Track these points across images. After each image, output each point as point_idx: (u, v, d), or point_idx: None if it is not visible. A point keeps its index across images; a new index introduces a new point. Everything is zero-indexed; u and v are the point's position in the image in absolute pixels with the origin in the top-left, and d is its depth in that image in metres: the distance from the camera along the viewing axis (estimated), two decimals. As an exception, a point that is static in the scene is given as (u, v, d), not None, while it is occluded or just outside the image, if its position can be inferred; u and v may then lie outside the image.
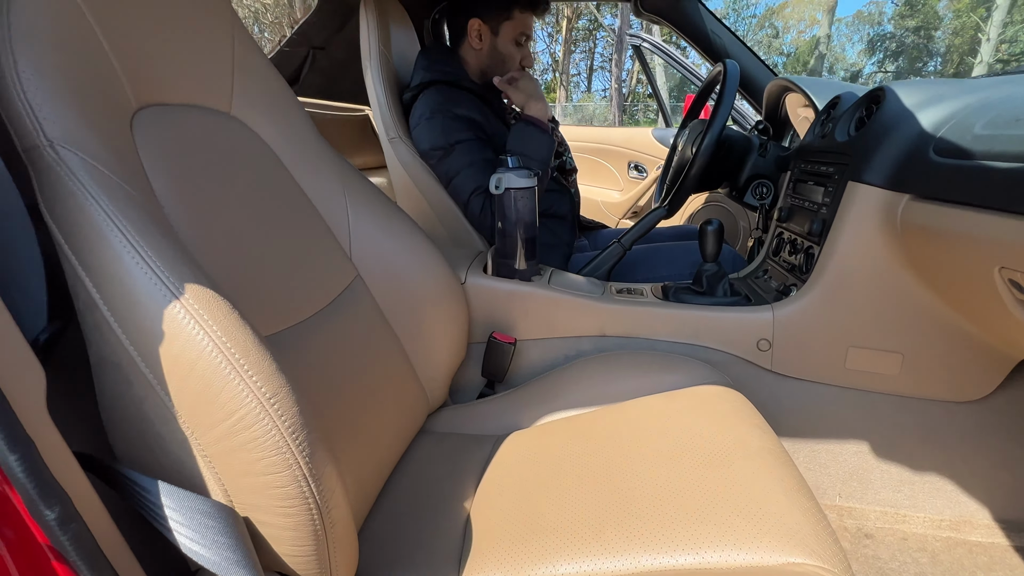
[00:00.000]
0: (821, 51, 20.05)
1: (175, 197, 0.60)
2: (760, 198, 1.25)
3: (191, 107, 0.68)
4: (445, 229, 1.23)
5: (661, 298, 1.02)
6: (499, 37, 1.23)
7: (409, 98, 1.22)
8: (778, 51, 25.39)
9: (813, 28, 23.75)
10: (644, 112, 23.02)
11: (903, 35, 22.51)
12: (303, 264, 0.76)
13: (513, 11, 1.21)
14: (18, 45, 0.47)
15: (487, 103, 1.23)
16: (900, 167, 0.77)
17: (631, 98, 22.68)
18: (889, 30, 23.10)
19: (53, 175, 0.46)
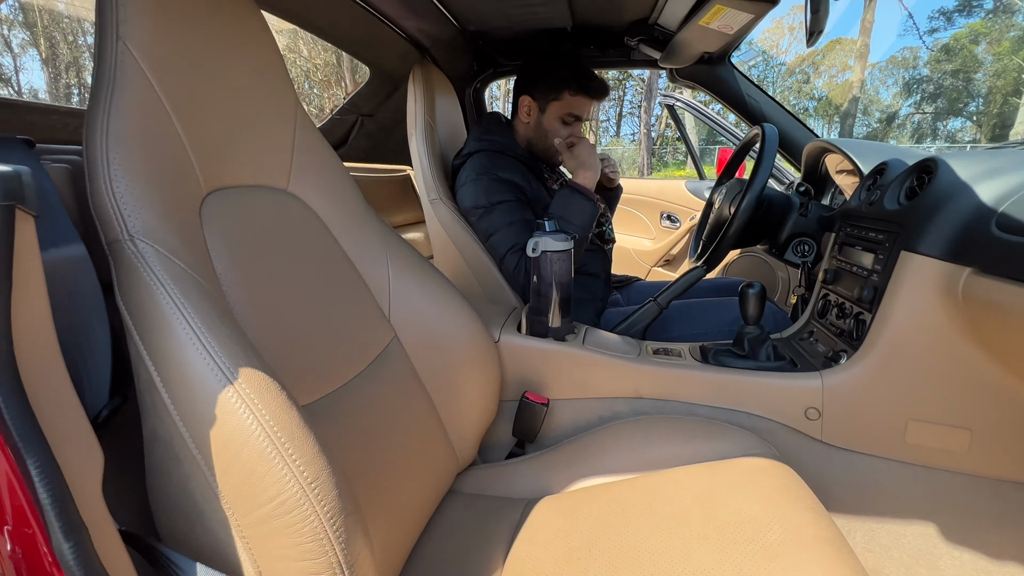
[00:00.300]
0: (854, 94, 19.96)
1: (234, 275, 0.63)
2: (802, 256, 1.23)
3: (253, 187, 0.73)
4: (481, 286, 1.24)
5: (700, 360, 1.00)
6: (545, 115, 1.31)
7: (459, 164, 1.29)
8: (808, 95, 25.41)
9: (845, 73, 23.76)
10: (673, 155, 23.19)
11: (940, 78, 22.24)
12: (345, 327, 0.78)
13: (562, 93, 1.28)
14: (112, 146, 0.52)
15: (531, 169, 1.28)
16: (959, 240, 0.75)
17: (660, 142, 22.95)
18: (925, 73, 22.88)
19: (131, 267, 0.49)
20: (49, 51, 14.46)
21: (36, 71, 15.31)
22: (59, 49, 15.16)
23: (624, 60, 1.62)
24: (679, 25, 1.34)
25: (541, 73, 1.30)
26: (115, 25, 0.56)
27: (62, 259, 0.54)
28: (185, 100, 0.62)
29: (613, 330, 1.14)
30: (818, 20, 0.94)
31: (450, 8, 1.33)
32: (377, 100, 1.67)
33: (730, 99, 1.52)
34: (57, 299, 0.52)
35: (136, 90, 0.56)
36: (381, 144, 1.83)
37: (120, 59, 0.56)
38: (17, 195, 0.38)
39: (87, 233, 0.57)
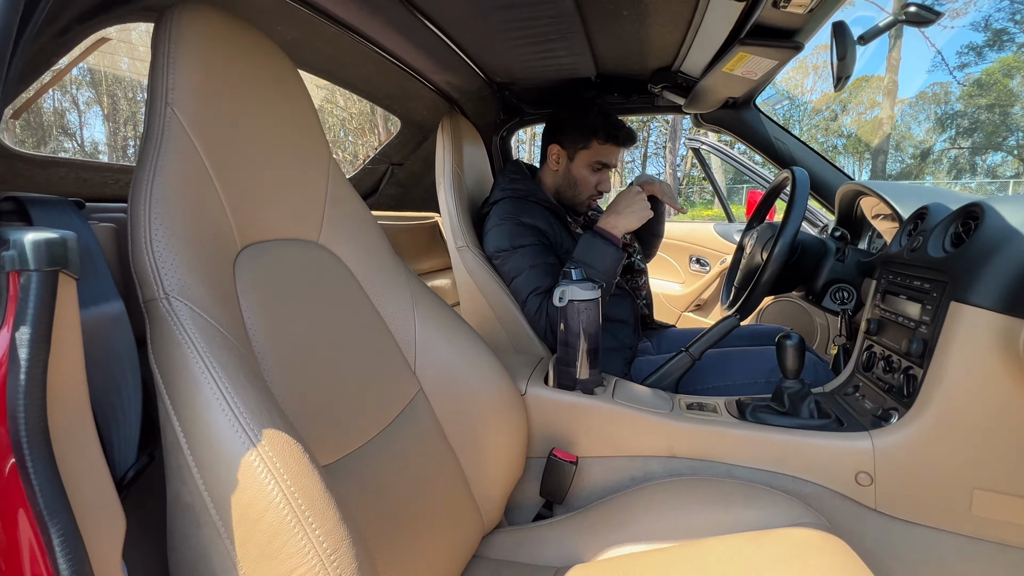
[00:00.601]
0: (885, 131, 19.72)
1: (264, 331, 0.64)
2: (841, 303, 1.18)
3: (285, 241, 0.75)
4: (507, 334, 1.23)
5: (737, 416, 0.95)
6: (574, 163, 1.33)
7: (485, 212, 1.32)
8: (836, 133, 25.22)
9: (873, 110, 23.58)
10: (700, 194, 23.13)
11: (975, 112, 21.82)
12: (372, 381, 0.78)
13: (591, 141, 1.31)
14: (155, 206, 0.54)
15: (555, 215, 1.30)
16: (1016, 291, 0.71)
17: (686, 182, 22.98)
18: (958, 108, 22.50)
19: (164, 325, 0.50)
20: (110, 107, 15.69)
21: (98, 126, 16.60)
22: (119, 105, 16.43)
23: (648, 106, 1.64)
24: (702, 72, 1.36)
25: (570, 123, 1.32)
26: (165, 92, 0.59)
27: (101, 316, 0.55)
28: (225, 159, 0.65)
29: (644, 382, 1.10)
30: (845, 66, 0.93)
31: (478, 62, 1.38)
32: (407, 150, 1.72)
33: (757, 142, 1.51)
34: (93, 355, 0.53)
35: (180, 152, 0.59)
36: (410, 192, 1.87)
37: (167, 124, 0.59)
38: (61, 260, 0.40)
39: (127, 289, 0.59)
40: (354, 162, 13.90)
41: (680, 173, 21.58)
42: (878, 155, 20.36)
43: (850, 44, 0.89)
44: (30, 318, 0.38)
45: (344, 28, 1.06)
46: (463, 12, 1.07)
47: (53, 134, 14.44)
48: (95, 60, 12.18)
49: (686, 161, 21.59)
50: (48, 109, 14.26)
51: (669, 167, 20.30)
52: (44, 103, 13.47)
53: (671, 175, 19.56)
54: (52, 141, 14.29)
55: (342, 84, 1.35)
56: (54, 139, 14.39)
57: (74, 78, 14.15)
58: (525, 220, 1.23)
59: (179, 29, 0.60)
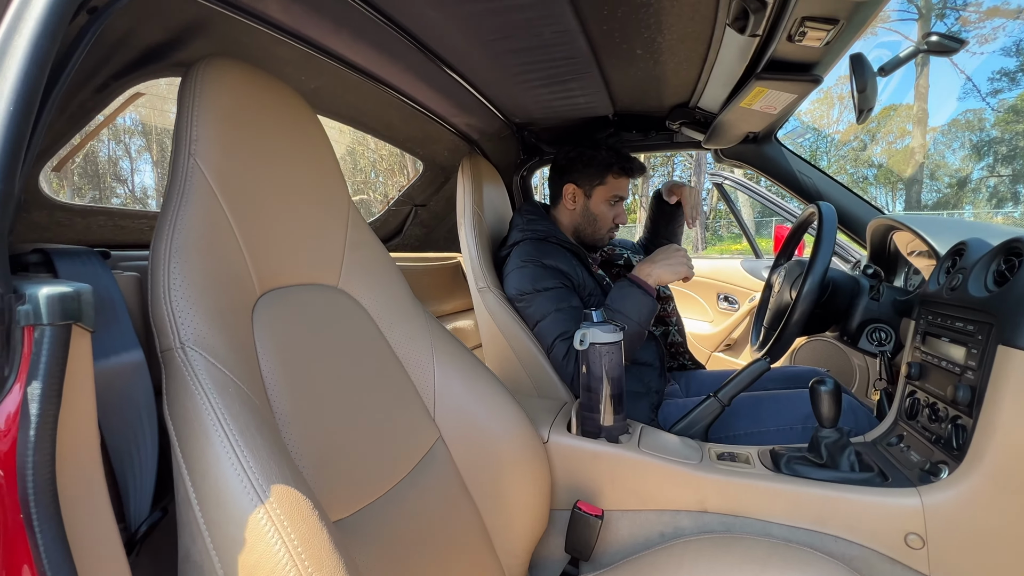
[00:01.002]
0: (918, 160, 19.30)
1: (280, 378, 0.64)
2: (879, 344, 1.12)
3: (305, 286, 0.75)
4: (529, 378, 1.21)
5: (771, 467, 0.89)
6: (591, 200, 1.34)
7: (504, 255, 1.32)
8: (866, 163, 24.78)
9: (904, 139, 23.16)
10: (727, 228, 22.87)
11: (1013, 138, 21.19)
12: (390, 429, 0.76)
13: (606, 177, 1.32)
14: (174, 256, 0.55)
15: (575, 255, 1.29)
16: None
17: (712, 215, 22.79)
18: (995, 135, 21.91)
19: (179, 375, 0.50)
20: (159, 154, 16.69)
21: (148, 172, 17.70)
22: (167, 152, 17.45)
23: (667, 143, 1.64)
24: (720, 107, 1.35)
25: (582, 161, 1.33)
26: (188, 143, 0.62)
27: (120, 365, 0.55)
28: (245, 208, 0.66)
29: (671, 429, 1.05)
30: (866, 98, 0.91)
31: (496, 104, 1.41)
32: (430, 191, 1.75)
33: (781, 177, 1.48)
34: (111, 404, 0.54)
35: (201, 202, 0.61)
36: (434, 232, 1.90)
37: (190, 174, 0.61)
38: (75, 314, 0.40)
39: (148, 337, 0.59)
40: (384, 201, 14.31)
41: (707, 207, 21.45)
42: (912, 185, 19.88)
43: (869, 76, 0.87)
44: (42, 373, 0.38)
45: (365, 75, 1.10)
46: (480, 57, 1.10)
47: (107, 181, 15.37)
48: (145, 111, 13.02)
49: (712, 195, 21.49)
50: (103, 157, 15.23)
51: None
52: (99, 151, 14.39)
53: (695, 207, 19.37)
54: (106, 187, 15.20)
55: (365, 129, 1.40)
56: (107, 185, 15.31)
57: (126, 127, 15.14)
58: (547, 262, 1.22)
59: (203, 83, 0.63)
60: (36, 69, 0.40)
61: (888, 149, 24.14)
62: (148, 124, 15.25)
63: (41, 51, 0.40)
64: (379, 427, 0.75)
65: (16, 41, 0.40)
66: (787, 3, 0.82)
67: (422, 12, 0.90)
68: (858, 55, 0.88)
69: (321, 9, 0.84)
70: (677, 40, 1.05)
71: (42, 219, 0.90)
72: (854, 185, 23.14)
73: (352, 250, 0.85)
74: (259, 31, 0.84)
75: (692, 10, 0.93)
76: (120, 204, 15.52)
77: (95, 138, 1.35)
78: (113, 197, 15.60)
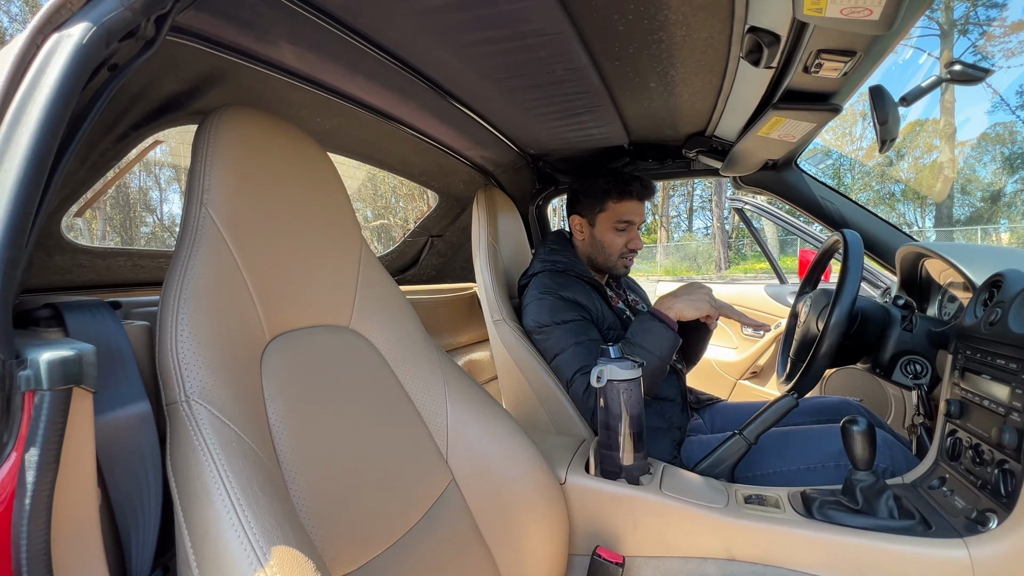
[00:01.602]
0: (947, 175, 18.84)
1: (288, 425, 0.63)
2: (914, 377, 1.06)
3: (316, 328, 0.75)
4: (546, 413, 1.18)
5: (803, 512, 0.84)
6: (596, 228, 1.33)
7: (524, 284, 1.31)
8: (892, 179, 24.27)
9: (931, 154, 22.67)
10: (751, 247, 22.52)
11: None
12: (401, 473, 0.74)
13: (606, 203, 1.30)
14: (183, 308, 0.55)
15: (595, 288, 1.27)
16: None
17: (735, 234, 22.51)
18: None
19: (183, 430, 0.50)
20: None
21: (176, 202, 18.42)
22: (195, 182, 18.11)
23: (684, 171, 1.62)
24: (737, 135, 1.33)
25: (582, 192, 1.34)
26: (201, 193, 0.62)
27: (127, 418, 0.55)
28: (256, 255, 0.66)
29: (695, 468, 1.01)
30: (888, 130, 0.89)
31: (510, 136, 1.42)
32: (446, 221, 1.76)
33: (803, 204, 1.45)
34: (116, 458, 0.53)
35: (212, 251, 0.61)
36: (450, 261, 1.91)
37: (202, 223, 0.61)
38: (75, 377, 0.40)
39: (156, 387, 0.59)
40: (404, 225, 14.52)
41: (728, 226, 21.22)
42: (943, 200, 19.37)
43: (891, 108, 0.84)
44: (40, 440, 0.37)
45: (380, 115, 1.12)
46: (493, 93, 1.10)
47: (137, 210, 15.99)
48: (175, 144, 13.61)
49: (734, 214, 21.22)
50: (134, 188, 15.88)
51: (717, 220, 20.03)
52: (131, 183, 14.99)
53: (719, 228, 19.24)
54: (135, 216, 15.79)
55: (380, 166, 1.41)
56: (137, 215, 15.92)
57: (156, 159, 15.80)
58: (565, 295, 1.21)
59: (217, 133, 0.64)
60: (48, 136, 0.41)
61: (915, 164, 23.63)
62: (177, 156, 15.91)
63: (54, 118, 0.41)
64: (390, 472, 0.73)
65: (30, 109, 0.41)
66: (801, 37, 0.81)
67: (435, 55, 0.91)
68: (877, 87, 0.86)
69: (335, 55, 0.86)
70: (691, 72, 1.04)
71: (64, 263, 0.92)
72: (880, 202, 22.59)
73: (364, 289, 0.85)
74: (274, 78, 0.86)
75: (704, 44, 0.93)
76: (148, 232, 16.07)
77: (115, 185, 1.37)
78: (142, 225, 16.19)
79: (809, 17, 0.67)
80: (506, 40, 0.87)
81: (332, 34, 0.80)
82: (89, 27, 0.44)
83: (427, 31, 0.83)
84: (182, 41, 0.70)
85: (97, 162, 0.80)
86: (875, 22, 0.64)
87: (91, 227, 12.40)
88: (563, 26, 0.84)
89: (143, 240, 14.91)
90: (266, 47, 0.79)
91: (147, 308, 0.70)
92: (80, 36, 0.44)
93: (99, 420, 0.50)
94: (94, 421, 0.48)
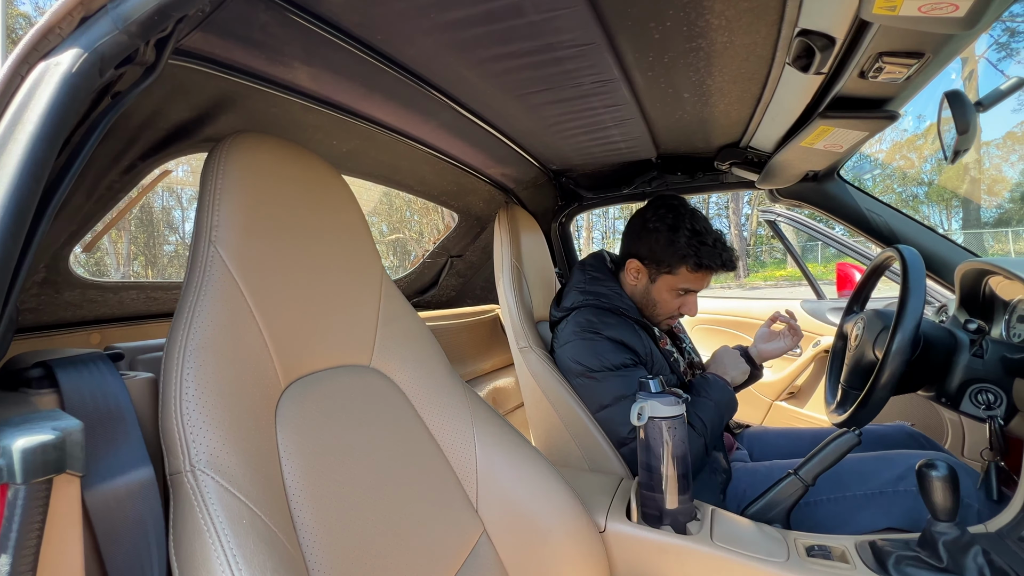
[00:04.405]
0: (973, 175, 18.36)
1: (305, 485, 0.56)
2: (987, 408, 0.96)
3: (334, 369, 0.69)
4: (578, 448, 1.10)
5: (875, 569, 0.75)
6: (654, 284, 1.16)
7: (560, 316, 1.19)
8: (915, 181, 23.72)
9: (955, 154, 22.05)
10: (770, 254, 22.15)
11: (1080, 147, 19.88)
12: (428, 530, 0.68)
13: (679, 268, 1.12)
14: (188, 361, 0.49)
15: (644, 329, 1.15)
16: None
17: (753, 241, 22.18)
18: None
19: (188, 505, 0.44)
20: (208, 202, 17.69)
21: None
22: (215, 199, 18.48)
23: (716, 184, 1.54)
24: (776, 146, 1.25)
25: (655, 239, 1.13)
26: (209, 230, 0.57)
27: (128, 485, 0.49)
28: (270, 295, 0.61)
29: (746, 511, 0.92)
30: (966, 139, 0.80)
31: (532, 152, 1.36)
32: (465, 241, 1.71)
33: (848, 217, 1.35)
34: (115, 531, 0.47)
35: (221, 294, 0.55)
36: (470, 282, 1.84)
37: (210, 263, 0.56)
38: (56, 465, 0.34)
39: (159, 446, 0.54)
40: (419, 240, 14.56)
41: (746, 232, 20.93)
42: (968, 202, 18.87)
43: (971, 116, 0.76)
44: (12, 544, 0.31)
45: (398, 135, 1.07)
46: (515, 109, 1.05)
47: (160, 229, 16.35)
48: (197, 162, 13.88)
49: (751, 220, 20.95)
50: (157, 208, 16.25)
51: (734, 228, 19.77)
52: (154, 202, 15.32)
53: (737, 236, 18.97)
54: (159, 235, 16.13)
55: (398, 187, 1.36)
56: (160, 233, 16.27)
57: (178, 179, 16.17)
58: (612, 335, 1.08)
59: (228, 161, 0.59)
60: (30, 181, 0.36)
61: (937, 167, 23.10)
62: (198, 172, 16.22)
63: (37, 160, 0.36)
64: (418, 528, 0.66)
65: (11, 149, 0.36)
66: (860, 40, 0.73)
67: (456, 71, 0.85)
68: (955, 92, 0.77)
69: (352, 75, 0.80)
70: (729, 81, 0.97)
71: (74, 298, 0.88)
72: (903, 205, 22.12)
73: (385, 324, 0.79)
74: (288, 101, 0.81)
75: (747, 51, 0.86)
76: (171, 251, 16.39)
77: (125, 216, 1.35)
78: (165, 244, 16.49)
79: (879, 16, 0.60)
80: (533, 53, 0.81)
81: (348, 53, 0.74)
82: (80, 54, 0.39)
83: (448, 46, 0.78)
84: (189, 65, 0.65)
85: (104, 195, 0.75)
86: (959, 19, 0.57)
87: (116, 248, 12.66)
88: (596, 36, 0.77)
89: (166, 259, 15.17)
90: (279, 69, 0.74)
91: (155, 354, 0.65)
92: (70, 64, 0.39)
93: (97, 490, 0.45)
94: (91, 492, 0.43)
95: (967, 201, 19.14)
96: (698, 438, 1.03)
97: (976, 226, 19.36)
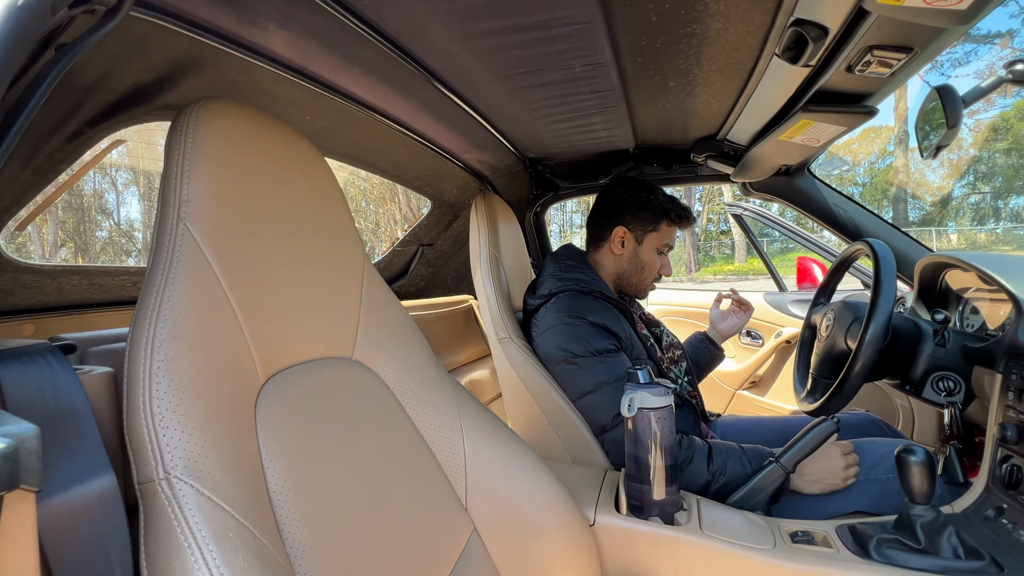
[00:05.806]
0: (901, 178, 19.70)
1: (290, 489, 0.51)
2: (947, 394, 1.01)
3: (315, 362, 0.63)
4: (560, 439, 1.08)
5: (857, 552, 0.77)
6: (642, 246, 1.23)
7: (536, 304, 1.17)
8: (852, 182, 25.23)
9: (886, 159, 23.68)
10: (719, 249, 23.03)
11: (992, 156, 21.72)
12: (419, 530, 0.64)
13: (661, 223, 1.22)
14: (158, 354, 0.43)
15: (623, 313, 1.15)
16: None
17: (703, 236, 22.99)
18: (974, 153, 22.44)
19: (163, 519, 0.38)
20: (146, 186, 16.56)
21: (135, 205, 17.59)
22: (154, 183, 17.36)
23: (691, 176, 1.56)
24: (751, 139, 1.27)
25: (638, 203, 1.22)
26: (177, 206, 0.50)
27: (86, 496, 0.43)
28: (247, 279, 0.55)
29: (728, 500, 0.93)
30: (952, 135, 0.82)
31: (510, 139, 1.32)
32: (437, 230, 1.65)
33: (815, 211, 1.40)
34: (71, 550, 0.41)
35: (193, 277, 0.49)
36: (441, 271, 1.79)
37: (179, 243, 0.50)
38: (9, 480, 0.28)
39: (122, 447, 0.47)
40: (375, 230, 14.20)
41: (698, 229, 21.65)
42: (897, 203, 20.25)
43: (960, 110, 0.78)
44: (-47, 577, 0.25)
45: (375, 113, 1.01)
46: (499, 91, 1.01)
47: (92, 214, 15.17)
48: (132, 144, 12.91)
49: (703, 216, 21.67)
50: (88, 191, 15.06)
51: (685, 223, 20.28)
52: (85, 186, 14.23)
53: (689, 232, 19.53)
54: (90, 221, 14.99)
55: (370, 169, 1.30)
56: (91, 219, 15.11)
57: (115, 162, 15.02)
58: (594, 320, 1.07)
59: (196, 130, 0.52)
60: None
61: (871, 170, 24.65)
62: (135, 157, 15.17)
63: None
64: (408, 530, 0.62)
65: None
66: (854, 31, 0.74)
67: (443, 45, 0.80)
68: (946, 87, 0.79)
69: (331, 44, 0.74)
70: (715, 71, 0.97)
71: (5, 284, 0.78)
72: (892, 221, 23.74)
73: (368, 313, 0.73)
74: (259, 68, 0.74)
75: (738, 39, 0.85)
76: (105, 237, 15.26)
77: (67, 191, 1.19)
78: (98, 230, 15.38)
79: (882, 7, 0.60)
80: (528, 29, 0.77)
81: (329, 18, 0.68)
82: (28, -16, 0.33)
83: (438, 16, 0.73)
84: (149, 18, 0.57)
85: (43, 165, 0.66)
86: (961, 12, 0.57)
87: (41, 232, 11.65)
88: (593, 14, 0.75)
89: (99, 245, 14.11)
90: (251, 31, 0.67)
91: (111, 346, 0.58)
92: (14, -2, 0.32)
93: (48, 504, 0.38)
94: (41, 507, 0.36)
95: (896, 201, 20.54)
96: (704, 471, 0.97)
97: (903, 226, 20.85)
